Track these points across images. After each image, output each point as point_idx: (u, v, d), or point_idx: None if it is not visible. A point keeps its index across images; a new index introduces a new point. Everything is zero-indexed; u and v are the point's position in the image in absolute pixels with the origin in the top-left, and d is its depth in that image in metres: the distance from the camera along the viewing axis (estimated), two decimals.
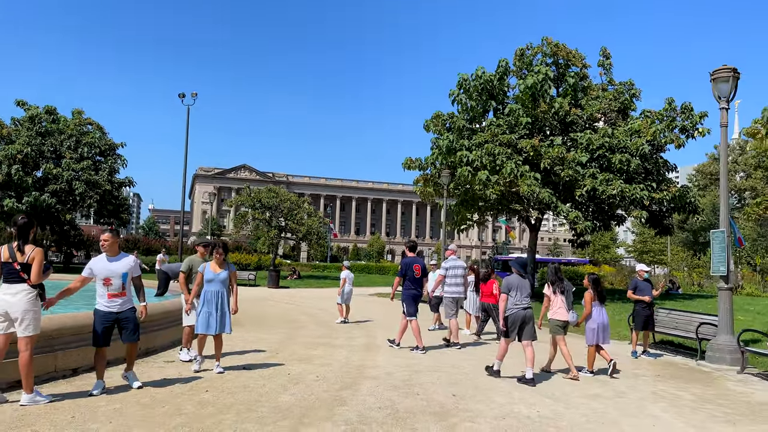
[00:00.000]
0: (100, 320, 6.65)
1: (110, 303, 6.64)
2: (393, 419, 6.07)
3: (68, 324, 7.62)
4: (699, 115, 25.05)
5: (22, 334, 5.95)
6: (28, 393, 6.00)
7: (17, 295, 5.92)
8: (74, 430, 5.16)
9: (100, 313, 6.66)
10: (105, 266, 6.65)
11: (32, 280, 5.99)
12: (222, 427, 5.48)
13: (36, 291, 6.03)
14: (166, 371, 8.03)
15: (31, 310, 5.97)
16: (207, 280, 8.19)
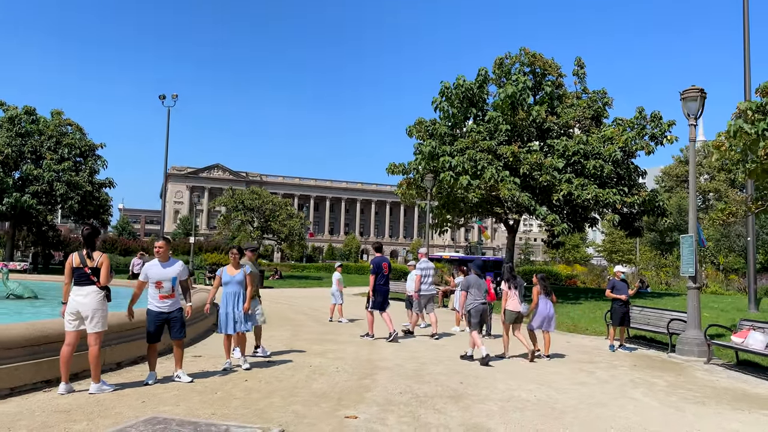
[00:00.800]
0: (153, 319, 7.47)
1: (161, 304, 7.46)
2: (416, 401, 7.04)
3: (114, 322, 8.39)
4: (667, 123, 26.55)
5: (92, 330, 6.75)
6: (96, 383, 6.80)
7: (88, 296, 6.71)
8: (151, 411, 6.00)
9: (153, 313, 7.48)
10: (158, 271, 7.47)
11: (101, 282, 6.79)
12: (274, 408, 6.37)
13: (104, 292, 6.82)
14: (200, 365, 8.85)
15: (100, 309, 6.77)
16: (224, 282, 8.81)
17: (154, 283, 7.48)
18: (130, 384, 7.34)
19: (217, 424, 5.60)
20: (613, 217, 24.52)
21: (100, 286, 6.80)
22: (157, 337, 7.54)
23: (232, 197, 40.78)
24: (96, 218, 44.71)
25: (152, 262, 7.66)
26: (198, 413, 6.04)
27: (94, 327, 6.76)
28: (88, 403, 6.32)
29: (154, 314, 7.49)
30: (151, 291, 7.52)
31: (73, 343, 6.80)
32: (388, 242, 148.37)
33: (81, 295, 6.74)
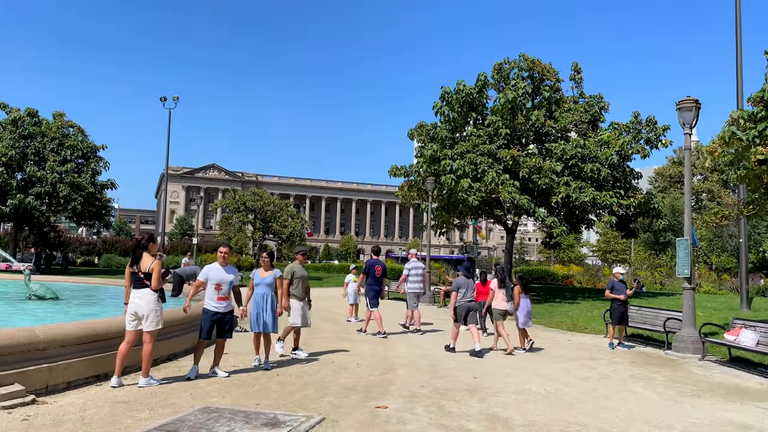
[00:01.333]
0: (209, 318, 8.11)
1: (218, 304, 8.12)
2: (437, 394, 7.68)
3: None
4: (662, 127, 27.30)
5: (147, 329, 7.38)
6: (145, 377, 7.41)
7: (143, 298, 7.34)
8: (202, 401, 6.61)
9: (210, 313, 8.12)
10: (219, 274, 8.16)
11: (153, 286, 7.41)
12: (310, 399, 7.00)
13: (157, 294, 7.44)
14: (230, 362, 9.45)
15: (154, 310, 7.39)
16: (255, 284, 9.32)
17: (214, 285, 8.14)
18: (172, 378, 7.95)
19: (265, 413, 6.23)
20: (610, 219, 25.23)
21: (153, 289, 7.41)
22: (209, 334, 8.16)
23: (234, 199, 41.30)
24: (98, 219, 45.21)
25: (213, 265, 8.32)
26: (243, 404, 6.66)
27: (148, 326, 7.38)
28: (142, 395, 6.93)
29: (211, 314, 8.12)
30: (209, 292, 8.15)
31: (131, 341, 7.43)
32: (384, 242, 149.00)
33: (138, 297, 7.39)
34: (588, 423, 6.60)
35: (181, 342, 10.11)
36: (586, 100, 30.57)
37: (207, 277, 8.25)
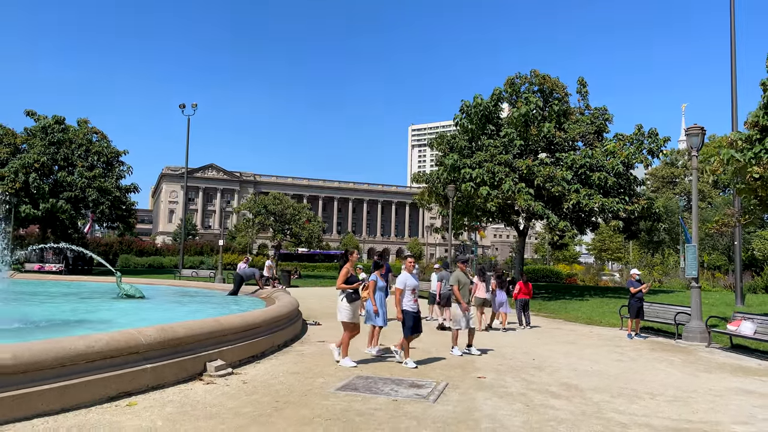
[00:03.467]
0: (411, 317, 9.94)
1: (414, 306, 10.08)
2: (514, 371, 10.01)
3: (283, 313, 11.26)
4: (663, 139, 29.83)
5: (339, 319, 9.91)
6: (344, 357, 9.77)
7: (340, 296, 9.81)
8: (350, 374, 8.89)
9: (410, 313, 9.95)
10: (413, 281, 10.17)
11: (336, 286, 9.89)
12: (426, 372, 9.30)
13: (342, 293, 9.76)
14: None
15: (343, 306, 9.80)
16: (379, 287, 10.79)
17: (410, 290, 10.11)
18: (315, 354, 10.22)
19: (402, 379, 8.54)
20: (618, 224, 27.68)
21: (337, 288, 9.88)
22: (416, 330, 10.00)
23: (255, 202, 43.44)
24: (123, 222, 47.24)
25: (405, 274, 10.26)
26: (381, 375, 8.96)
27: (340, 318, 9.86)
28: (304, 368, 9.22)
29: (412, 314, 9.97)
30: (407, 296, 10.02)
31: None
32: (381, 241, 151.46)
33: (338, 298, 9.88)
34: (636, 388, 8.97)
35: (286, 333, 12.33)
36: (591, 111, 33.05)
37: (405, 285, 10.06)
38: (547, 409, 7.34)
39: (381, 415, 6.67)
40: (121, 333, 7.30)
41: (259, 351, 10.27)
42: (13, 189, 40.79)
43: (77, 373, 6.42)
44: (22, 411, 5.78)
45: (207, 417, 6.36)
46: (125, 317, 12.54)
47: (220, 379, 8.19)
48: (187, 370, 8.04)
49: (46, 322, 11.29)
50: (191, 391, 7.45)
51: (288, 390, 7.79)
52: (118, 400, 6.75)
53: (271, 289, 19.89)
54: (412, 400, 7.42)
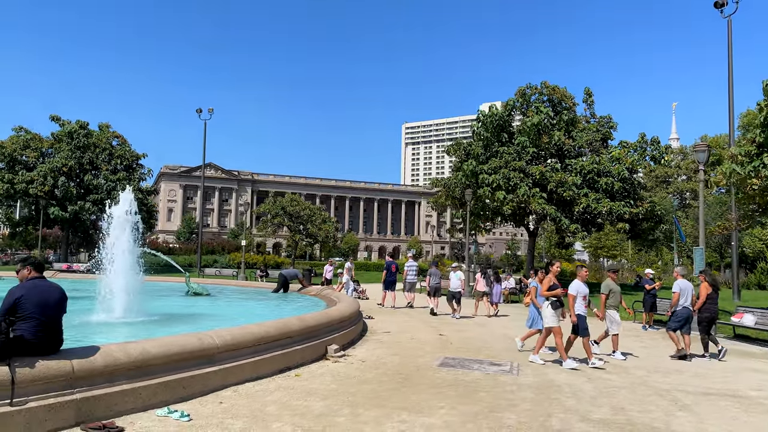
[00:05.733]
0: (584, 320, 11.02)
1: (585, 310, 11.10)
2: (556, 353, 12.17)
3: (357, 308, 13.34)
4: (665, 146, 32.17)
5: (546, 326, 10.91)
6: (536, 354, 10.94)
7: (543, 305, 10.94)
8: (439, 355, 11.01)
9: (583, 317, 11.06)
10: (585, 289, 11.09)
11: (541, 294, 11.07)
12: (493, 355, 11.43)
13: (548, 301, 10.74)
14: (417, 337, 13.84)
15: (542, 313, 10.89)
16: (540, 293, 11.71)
17: (582, 297, 11.08)
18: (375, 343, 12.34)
19: (481, 360, 10.69)
20: (624, 226, 29.97)
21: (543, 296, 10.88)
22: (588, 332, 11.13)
23: (274, 204, 45.44)
24: (145, 223, 49.05)
25: (578, 283, 10.93)
26: (460, 356, 11.09)
27: (547, 324, 10.72)
28: (400, 350, 11.32)
29: (584, 318, 11.09)
30: (579, 302, 11.05)
31: None
32: (378, 238, 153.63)
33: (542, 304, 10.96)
34: (666, 366, 11.16)
35: (360, 325, 14.42)
36: (597, 120, 35.35)
37: (577, 292, 11.04)
38: (606, 380, 9.50)
39: (485, 382, 8.81)
40: (279, 321, 9.41)
41: (349, 339, 12.37)
42: (43, 192, 42.59)
43: (259, 352, 8.51)
44: (238, 378, 7.88)
45: (361, 383, 8.47)
46: (225, 311, 14.61)
47: (341, 359, 10.29)
48: (317, 352, 10.14)
49: (160, 315, 13.28)
50: (329, 367, 9.56)
51: (400, 366, 9.90)
52: (285, 372, 8.85)
53: (319, 287, 21.95)
54: (501, 374, 9.57)
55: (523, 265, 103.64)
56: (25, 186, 42.44)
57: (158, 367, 6.67)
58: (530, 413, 7.11)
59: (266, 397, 7.37)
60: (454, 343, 12.99)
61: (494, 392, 8.19)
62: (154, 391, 6.52)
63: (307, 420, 6.44)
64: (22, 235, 51.34)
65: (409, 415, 6.79)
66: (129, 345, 6.59)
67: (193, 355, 7.18)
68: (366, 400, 7.42)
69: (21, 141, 44.83)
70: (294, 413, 6.68)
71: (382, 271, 23.12)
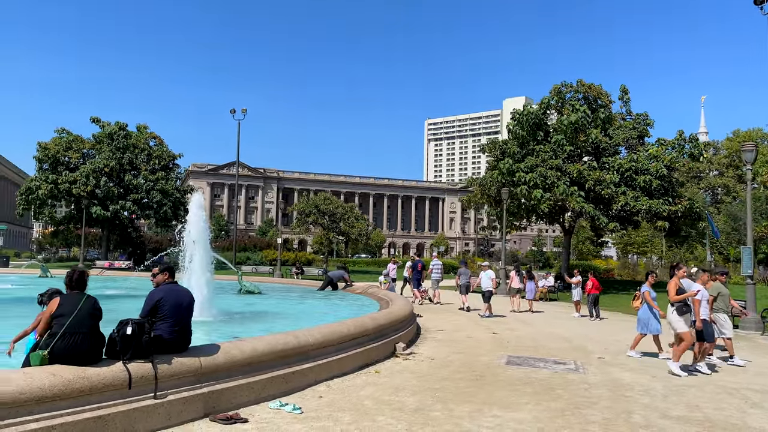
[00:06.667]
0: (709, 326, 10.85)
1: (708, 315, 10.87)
2: (619, 353, 12.47)
3: (411, 309, 13.79)
4: (703, 144, 31.99)
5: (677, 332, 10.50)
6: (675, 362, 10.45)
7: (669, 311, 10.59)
8: (503, 353, 11.41)
9: (708, 322, 10.86)
10: (707, 293, 10.96)
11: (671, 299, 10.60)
12: (554, 354, 11.79)
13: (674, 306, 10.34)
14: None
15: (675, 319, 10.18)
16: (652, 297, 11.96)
17: (706, 300, 10.95)
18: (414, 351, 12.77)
19: (545, 359, 11.06)
20: (664, 224, 29.93)
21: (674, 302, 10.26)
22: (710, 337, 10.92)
23: (308, 202, 46.14)
24: (181, 221, 50.23)
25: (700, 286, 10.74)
26: (520, 355, 11.48)
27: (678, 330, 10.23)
28: (462, 350, 11.75)
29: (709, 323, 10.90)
30: (704, 306, 10.84)
31: None
32: (402, 235, 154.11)
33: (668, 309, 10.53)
34: (730, 365, 11.41)
35: (416, 324, 14.85)
36: (633, 117, 35.25)
37: (702, 296, 10.89)
38: (671, 379, 9.80)
39: (556, 381, 9.19)
40: (357, 320, 9.92)
41: (410, 338, 12.83)
42: (85, 192, 43.84)
43: (343, 350, 9.00)
44: (328, 374, 8.39)
45: (440, 380, 8.93)
46: (289, 309, 15.20)
47: (410, 357, 10.76)
48: (387, 350, 10.62)
49: (228, 314, 13.90)
50: (402, 365, 10.03)
51: (469, 364, 10.33)
52: (365, 369, 9.34)
53: (364, 285, 22.49)
54: (568, 372, 9.94)
55: (549, 261, 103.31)
56: (68, 186, 43.74)
57: (265, 364, 7.20)
58: (611, 410, 7.48)
59: (359, 392, 7.87)
60: (511, 342, 13.37)
61: (569, 390, 8.57)
62: (263, 386, 7.04)
63: (406, 414, 6.90)
64: (64, 233, 52.87)
65: (498, 410, 7.22)
66: (241, 343, 7.13)
67: (292, 352, 7.70)
68: (453, 396, 7.87)
69: (63, 142, 46.19)
70: (391, 408, 7.15)
71: None
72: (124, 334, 5.63)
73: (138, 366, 5.70)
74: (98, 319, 5.72)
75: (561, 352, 12.12)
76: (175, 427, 5.90)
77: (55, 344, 5.26)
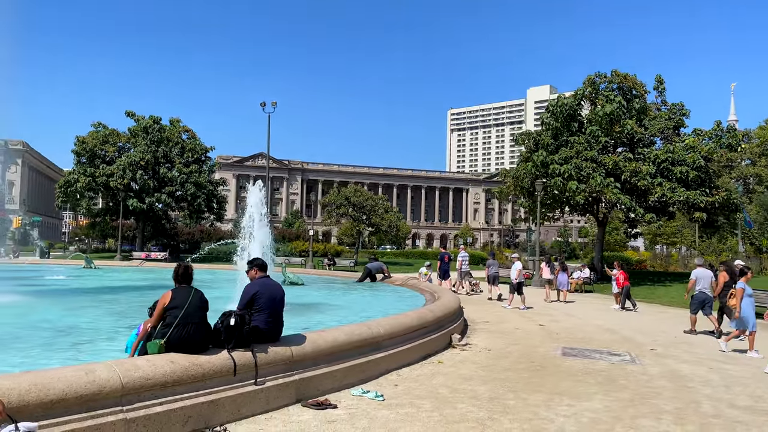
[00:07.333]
0: None
1: None
2: (671, 345, 12.59)
3: (457, 306, 14.05)
4: (741, 134, 31.59)
5: None
6: None
7: None
8: (557, 345, 11.64)
9: None
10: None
11: None
12: (605, 345, 11.97)
13: None
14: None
15: None
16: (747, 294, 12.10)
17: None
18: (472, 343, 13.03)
19: (599, 350, 11.26)
20: (702, 216, 29.68)
21: None
22: None
23: (339, 194, 46.58)
24: (215, 213, 51.05)
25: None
26: (574, 347, 11.69)
27: None
28: (518, 340, 12.01)
29: None
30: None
31: None
32: (426, 226, 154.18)
33: None
34: None
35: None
36: (668, 107, 34.86)
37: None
38: (726, 371, 9.93)
39: (616, 372, 9.40)
40: (417, 312, 10.24)
41: (461, 329, 13.11)
42: (122, 185, 44.84)
43: (407, 341, 9.32)
44: (397, 363, 8.72)
45: (503, 370, 9.21)
46: (338, 301, 15.59)
47: (467, 348, 11.04)
48: (445, 341, 10.92)
49: (291, 305, 14.25)
50: (461, 355, 10.33)
51: (527, 355, 10.58)
52: (427, 359, 9.67)
53: (404, 277, 22.83)
54: (625, 363, 10.14)
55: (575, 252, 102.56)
56: (105, 179, 44.79)
57: (345, 353, 7.55)
58: (678, 400, 7.69)
59: (431, 381, 8.18)
60: (560, 334, 13.56)
61: (632, 381, 8.78)
62: (344, 374, 7.40)
63: (483, 402, 7.20)
64: (101, 225, 54.17)
65: (569, 399, 7.47)
66: (324, 333, 7.50)
67: (366, 342, 8.04)
68: (521, 386, 8.14)
69: (100, 136, 47.24)
70: (467, 396, 7.46)
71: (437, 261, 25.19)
72: (228, 324, 6.01)
73: (240, 354, 6.08)
74: (206, 311, 6.11)
75: (612, 344, 12.29)
76: (273, 411, 6.27)
77: (171, 334, 5.65)
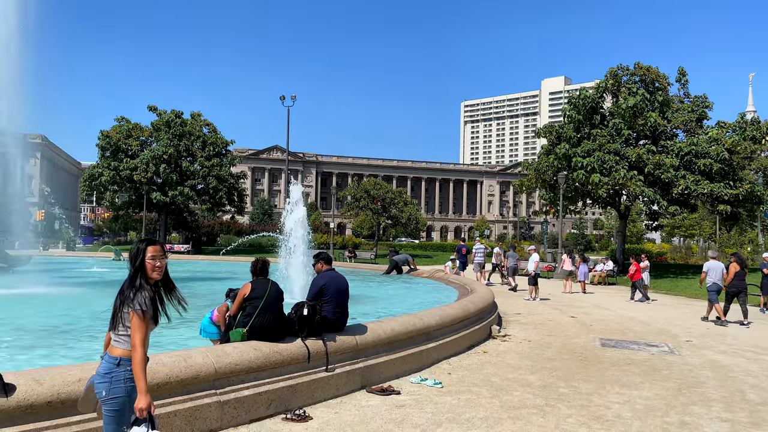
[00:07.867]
0: None
1: None
2: (706, 336, 12.79)
3: (492, 298, 14.31)
4: (765, 125, 31.40)
5: None
6: None
7: None
8: (594, 335, 11.88)
9: None
10: None
11: None
12: (642, 336, 12.19)
13: None
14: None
15: None
16: None
17: None
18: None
19: (637, 341, 11.49)
20: (726, 208, 29.64)
21: None
22: None
23: (358, 187, 46.89)
24: (236, 206, 51.59)
25: None
26: (611, 338, 11.93)
27: None
28: (552, 331, 12.27)
29: None
30: None
31: None
32: (441, 218, 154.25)
33: None
34: None
35: None
36: (691, 100, 34.73)
37: None
38: (765, 361, 10.14)
39: (658, 363, 9.64)
40: (460, 304, 10.53)
41: (497, 321, 13.38)
42: (145, 178, 45.50)
43: (454, 331, 9.62)
44: (446, 353, 9.03)
45: (548, 360, 9.48)
46: (376, 293, 15.93)
47: (507, 339, 11.33)
48: (485, 332, 11.21)
49: None
50: (504, 345, 10.61)
51: (567, 346, 10.84)
52: (473, 349, 9.97)
53: (432, 269, 23.13)
54: (665, 354, 10.37)
55: (591, 244, 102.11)
56: (129, 173, 45.45)
57: (400, 343, 7.88)
58: (724, 389, 7.92)
59: (482, 370, 8.49)
60: (594, 326, 13.80)
61: (674, 371, 9.01)
62: (402, 362, 7.72)
63: (537, 390, 7.48)
64: (124, 218, 55.02)
65: (619, 388, 7.74)
66: (382, 324, 7.82)
67: (419, 332, 8.35)
68: (570, 375, 8.42)
69: (123, 130, 47.88)
70: (520, 384, 7.75)
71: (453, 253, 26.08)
72: (301, 315, 6.34)
73: (312, 342, 6.41)
74: (282, 301, 6.44)
75: (647, 335, 12.51)
76: (342, 396, 6.61)
77: (252, 323, 5.99)
